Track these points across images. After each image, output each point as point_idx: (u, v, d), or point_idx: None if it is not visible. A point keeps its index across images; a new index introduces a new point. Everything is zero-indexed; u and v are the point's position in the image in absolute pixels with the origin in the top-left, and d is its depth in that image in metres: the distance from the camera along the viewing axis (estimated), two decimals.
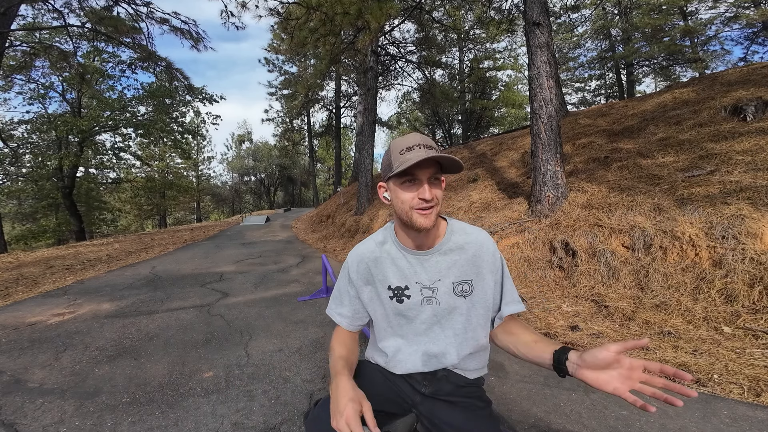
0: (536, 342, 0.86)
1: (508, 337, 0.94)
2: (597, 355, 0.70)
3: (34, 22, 10.07)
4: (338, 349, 0.96)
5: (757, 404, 1.61)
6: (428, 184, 0.84)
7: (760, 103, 4.27)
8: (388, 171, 0.87)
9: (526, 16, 4.67)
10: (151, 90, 14.38)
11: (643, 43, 15.47)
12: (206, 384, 2.02)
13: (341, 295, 1.04)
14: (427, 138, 0.86)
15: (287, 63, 21.06)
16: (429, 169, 0.83)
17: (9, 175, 14.58)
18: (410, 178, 0.84)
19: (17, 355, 2.50)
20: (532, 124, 4.55)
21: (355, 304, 1.02)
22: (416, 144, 0.84)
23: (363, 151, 10.12)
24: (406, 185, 0.85)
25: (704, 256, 2.74)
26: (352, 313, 1.02)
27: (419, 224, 0.85)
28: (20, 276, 5.51)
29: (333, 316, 1.04)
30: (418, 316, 0.95)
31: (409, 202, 0.85)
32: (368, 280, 0.99)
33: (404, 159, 0.82)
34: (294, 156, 34.07)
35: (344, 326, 1.02)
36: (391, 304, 0.97)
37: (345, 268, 1.04)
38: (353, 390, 0.77)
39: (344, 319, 1.02)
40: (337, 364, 0.89)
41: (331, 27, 7.36)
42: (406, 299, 0.95)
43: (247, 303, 3.63)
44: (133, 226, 25.64)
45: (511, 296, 0.96)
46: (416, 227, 0.86)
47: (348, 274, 1.02)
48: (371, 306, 1.01)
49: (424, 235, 0.92)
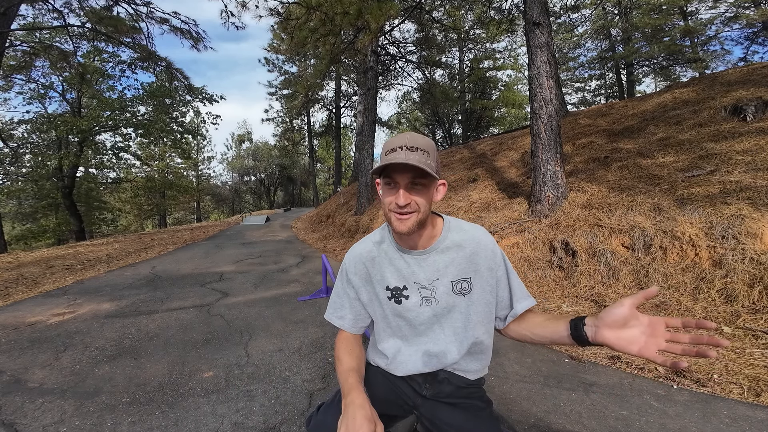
0: (549, 320, 0.85)
1: (520, 326, 0.93)
2: (613, 311, 0.68)
3: (34, 22, 10.06)
4: (346, 360, 0.92)
5: (757, 404, 1.61)
6: (405, 189, 0.81)
7: (760, 103, 4.27)
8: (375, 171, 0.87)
9: (526, 16, 4.67)
10: (151, 90, 14.38)
11: (643, 43, 15.48)
12: (206, 384, 2.02)
13: (340, 298, 1.01)
14: (416, 137, 0.82)
15: (287, 63, 21.07)
16: (407, 174, 0.81)
17: (9, 175, 14.59)
18: (389, 181, 0.83)
19: (17, 355, 2.50)
20: (532, 124, 4.55)
21: (355, 306, 1.00)
22: (400, 145, 0.79)
23: (363, 151, 10.12)
24: (387, 187, 0.84)
25: (704, 256, 2.74)
26: (353, 315, 0.99)
27: (395, 228, 0.84)
28: (20, 276, 5.51)
29: (333, 320, 1.01)
30: (417, 317, 0.94)
31: (388, 205, 0.84)
32: (366, 280, 0.98)
33: (385, 160, 0.81)
34: (294, 156, 34.08)
35: (346, 329, 0.99)
36: (390, 304, 0.95)
37: (342, 270, 1.01)
38: (370, 409, 0.75)
39: (346, 322, 0.99)
40: (349, 377, 0.85)
41: (331, 27, 7.36)
42: (404, 300, 0.94)
43: (247, 303, 3.63)
44: (133, 226, 25.63)
45: (521, 292, 0.95)
46: (394, 230, 0.85)
47: (345, 275, 1.00)
48: (371, 307, 0.99)
49: (417, 235, 0.90)
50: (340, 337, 0.99)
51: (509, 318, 0.95)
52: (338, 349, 0.96)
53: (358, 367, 0.91)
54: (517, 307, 0.93)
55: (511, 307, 0.94)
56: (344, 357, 0.92)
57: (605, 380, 1.89)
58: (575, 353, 2.20)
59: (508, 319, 0.95)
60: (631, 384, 1.84)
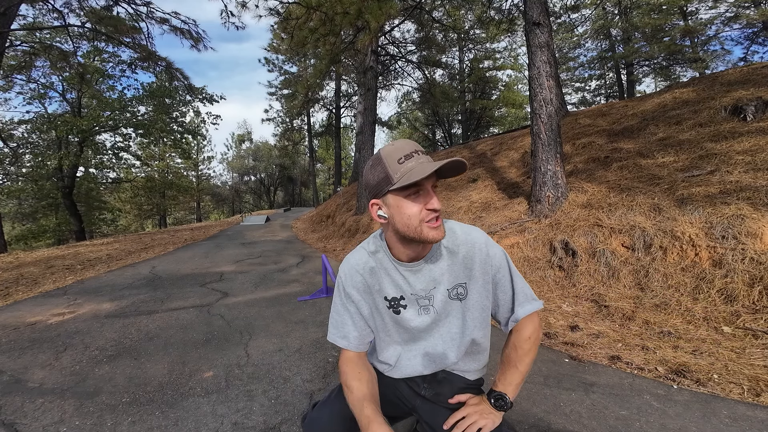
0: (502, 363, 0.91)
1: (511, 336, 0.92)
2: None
3: (34, 22, 10.07)
4: (357, 388, 0.84)
5: (757, 404, 1.61)
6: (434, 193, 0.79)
7: (760, 103, 4.27)
8: (386, 184, 0.78)
9: (526, 16, 4.67)
10: (151, 90, 14.39)
11: (643, 43, 15.48)
12: (206, 384, 2.02)
13: (341, 316, 0.94)
14: (415, 142, 0.81)
15: (287, 63, 21.10)
16: (431, 178, 0.79)
17: (9, 175, 14.59)
18: (417, 189, 0.78)
19: (17, 355, 2.50)
20: (532, 124, 4.55)
21: (358, 322, 0.93)
22: (413, 151, 0.77)
23: (363, 151, 10.12)
24: (412, 197, 0.78)
25: (704, 256, 2.73)
26: (358, 333, 0.93)
27: (432, 237, 0.79)
28: (20, 276, 5.51)
29: (336, 341, 0.93)
30: (417, 326, 0.92)
31: (418, 216, 0.78)
32: (365, 291, 0.93)
33: (407, 168, 0.75)
34: (294, 156, 34.06)
35: (352, 348, 0.92)
36: (389, 314, 0.94)
37: (339, 285, 0.95)
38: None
39: (351, 341, 0.92)
40: (365, 408, 0.79)
41: (331, 27, 7.36)
42: (402, 310, 0.92)
43: (247, 303, 3.63)
44: (133, 226, 25.63)
45: (524, 296, 0.90)
46: (428, 241, 0.80)
47: (343, 290, 0.94)
48: (371, 320, 0.96)
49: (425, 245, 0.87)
50: (344, 360, 0.92)
51: (510, 323, 0.92)
52: (345, 375, 0.89)
53: (372, 394, 0.84)
54: (519, 311, 0.89)
55: (512, 310, 0.91)
56: (354, 384, 0.86)
57: (605, 380, 1.89)
58: (575, 353, 2.20)
59: (509, 324, 0.92)
60: (631, 384, 1.84)
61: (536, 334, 0.90)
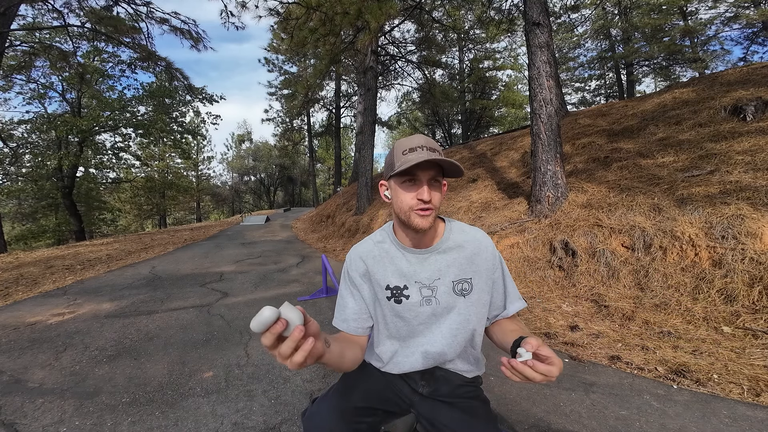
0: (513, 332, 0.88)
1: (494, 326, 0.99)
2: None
3: (34, 22, 10.06)
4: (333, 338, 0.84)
5: (756, 404, 1.61)
6: (428, 186, 0.85)
7: (760, 103, 4.27)
8: (389, 170, 0.89)
9: (526, 16, 4.67)
10: (150, 90, 14.38)
11: (643, 43, 15.48)
12: (206, 384, 2.02)
13: (343, 299, 1.00)
14: (431, 140, 0.88)
15: (287, 63, 21.05)
16: (430, 171, 0.85)
17: (9, 175, 14.59)
18: (411, 178, 0.86)
19: (17, 355, 2.50)
20: (532, 124, 4.55)
21: (359, 303, 0.97)
22: (419, 145, 0.85)
23: (363, 151, 10.12)
24: (406, 185, 0.87)
25: (704, 256, 2.74)
26: (356, 313, 0.96)
27: (417, 224, 0.86)
28: (20, 276, 5.51)
29: (338, 325, 0.98)
30: (416, 317, 0.93)
31: (408, 203, 0.86)
32: (366, 277, 0.98)
33: (406, 159, 0.83)
34: (294, 156, 34.05)
35: (350, 332, 0.95)
36: (389, 305, 0.95)
37: (344, 271, 1.02)
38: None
39: (349, 325, 0.96)
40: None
41: (331, 27, 7.36)
42: (404, 299, 0.93)
43: (247, 303, 3.62)
44: (132, 226, 25.62)
45: (514, 295, 0.99)
46: (414, 227, 0.87)
47: (347, 273, 1.00)
48: (372, 306, 0.99)
49: (422, 235, 0.93)
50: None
51: (499, 318, 0.99)
52: None
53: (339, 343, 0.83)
54: (510, 308, 0.98)
55: (504, 308, 0.98)
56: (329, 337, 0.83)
57: (605, 380, 1.89)
58: (575, 353, 2.20)
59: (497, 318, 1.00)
60: (631, 384, 1.84)
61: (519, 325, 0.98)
